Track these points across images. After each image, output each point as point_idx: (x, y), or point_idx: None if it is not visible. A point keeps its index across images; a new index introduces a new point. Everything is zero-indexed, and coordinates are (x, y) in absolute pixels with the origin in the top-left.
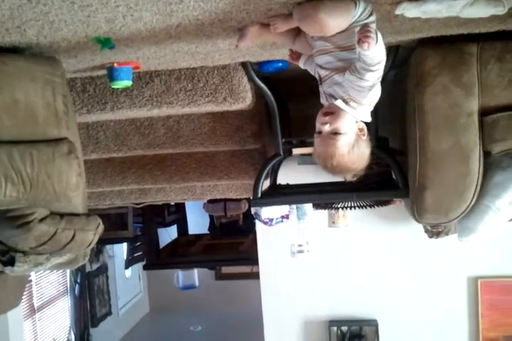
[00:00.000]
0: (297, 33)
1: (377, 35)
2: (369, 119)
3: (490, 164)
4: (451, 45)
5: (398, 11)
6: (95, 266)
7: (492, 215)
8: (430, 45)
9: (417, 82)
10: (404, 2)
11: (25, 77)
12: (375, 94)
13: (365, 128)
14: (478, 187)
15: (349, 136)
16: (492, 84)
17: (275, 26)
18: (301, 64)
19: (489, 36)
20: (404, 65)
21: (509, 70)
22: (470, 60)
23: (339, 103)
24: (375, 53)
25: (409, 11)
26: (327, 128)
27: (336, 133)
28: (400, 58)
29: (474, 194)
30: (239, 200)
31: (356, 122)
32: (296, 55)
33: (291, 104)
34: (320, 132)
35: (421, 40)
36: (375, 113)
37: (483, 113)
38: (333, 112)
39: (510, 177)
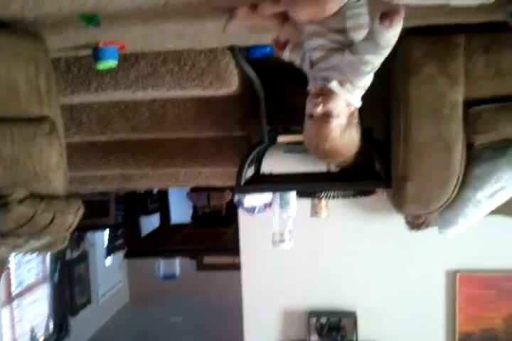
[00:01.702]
0: (286, 17)
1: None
2: (359, 104)
3: (472, 156)
4: (439, 35)
5: None
6: (75, 254)
7: (472, 208)
8: (418, 35)
9: (403, 70)
10: None
11: (8, 52)
12: (370, 78)
13: (356, 112)
14: (460, 179)
15: (341, 119)
16: (477, 75)
17: (263, 9)
18: (287, 54)
19: (477, 28)
20: (391, 53)
21: (495, 61)
22: (457, 50)
23: (334, 85)
24: (393, 34)
25: None
26: (319, 110)
27: (328, 115)
28: None
29: (456, 186)
30: (222, 190)
31: (348, 106)
32: (281, 45)
33: (277, 91)
34: (311, 115)
35: (409, 30)
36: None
37: (468, 104)
38: (326, 94)
39: (490, 170)
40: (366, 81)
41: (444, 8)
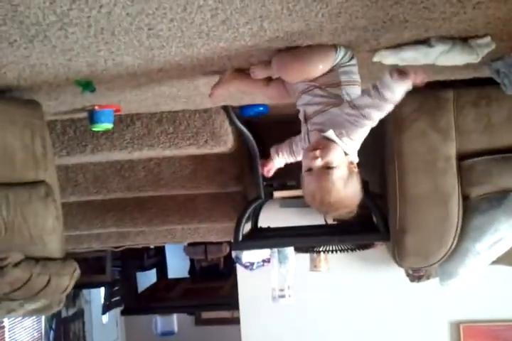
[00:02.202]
0: (268, 81)
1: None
2: (357, 158)
3: (469, 207)
4: (428, 90)
5: (376, 58)
6: (71, 312)
7: (472, 259)
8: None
9: (395, 126)
10: (382, 49)
11: (4, 119)
12: (366, 132)
13: (355, 161)
14: (458, 231)
15: (342, 170)
16: (468, 129)
17: (254, 73)
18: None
19: (464, 82)
20: None
21: (484, 115)
22: (447, 105)
23: (330, 133)
24: (402, 89)
25: (386, 59)
26: (318, 162)
27: (328, 167)
28: None
29: (454, 237)
30: (220, 243)
31: (346, 155)
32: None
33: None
34: (310, 169)
35: None
36: None
37: (461, 157)
38: (324, 146)
39: (488, 220)
40: (362, 134)
41: (432, 67)
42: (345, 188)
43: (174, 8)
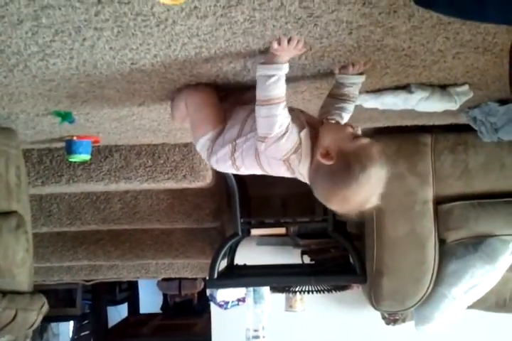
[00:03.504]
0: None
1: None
2: None
3: (445, 252)
4: (406, 135)
5: (357, 102)
6: None
7: (448, 304)
8: (386, 134)
9: None
10: (363, 93)
11: None
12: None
13: None
14: (435, 275)
15: None
16: (446, 174)
17: None
18: None
19: (442, 127)
20: None
21: (461, 161)
22: (424, 150)
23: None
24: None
25: (367, 102)
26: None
27: None
28: None
29: (430, 282)
30: (194, 278)
31: None
32: None
33: (250, 184)
34: (357, 136)
35: (377, 129)
36: None
37: (438, 201)
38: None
39: (464, 266)
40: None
41: (411, 112)
42: None
43: (158, 44)
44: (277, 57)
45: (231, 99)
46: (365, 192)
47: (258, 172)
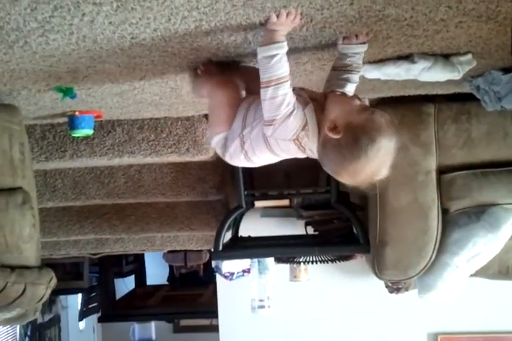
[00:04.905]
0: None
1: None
2: None
3: (448, 221)
4: (409, 104)
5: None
6: (47, 317)
7: (451, 272)
8: (389, 105)
9: None
10: (365, 64)
11: None
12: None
13: None
14: (437, 244)
15: None
16: (449, 144)
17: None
18: None
19: (446, 97)
20: None
21: (464, 131)
22: (428, 120)
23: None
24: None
25: (369, 73)
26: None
27: None
28: None
29: (433, 251)
30: (200, 250)
31: None
32: None
33: None
34: (366, 108)
35: (380, 100)
36: None
37: (441, 171)
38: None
39: (467, 234)
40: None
41: (413, 81)
42: None
43: (158, 18)
44: (275, 35)
45: None
46: (375, 165)
47: (271, 159)
